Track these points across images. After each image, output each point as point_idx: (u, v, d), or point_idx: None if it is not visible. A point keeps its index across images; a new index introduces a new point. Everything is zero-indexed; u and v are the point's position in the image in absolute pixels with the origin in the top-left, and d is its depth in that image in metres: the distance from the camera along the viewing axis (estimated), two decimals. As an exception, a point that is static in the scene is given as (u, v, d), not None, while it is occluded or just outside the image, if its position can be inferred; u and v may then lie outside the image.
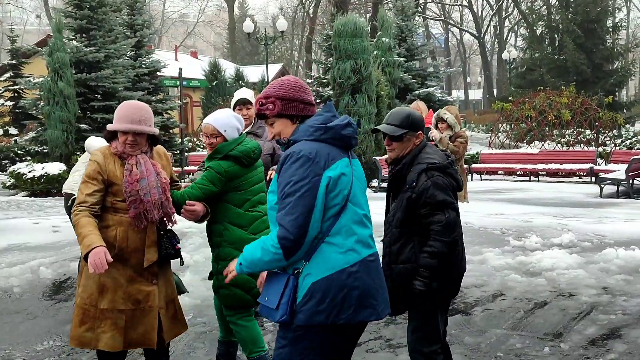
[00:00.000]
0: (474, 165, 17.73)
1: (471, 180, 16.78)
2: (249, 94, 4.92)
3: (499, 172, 17.93)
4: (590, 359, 4.28)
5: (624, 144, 20.72)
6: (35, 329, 5.22)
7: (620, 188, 13.07)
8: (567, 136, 20.20)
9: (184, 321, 3.74)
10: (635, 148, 19.39)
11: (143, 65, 21.43)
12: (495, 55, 61.42)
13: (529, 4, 40.70)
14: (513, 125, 21.43)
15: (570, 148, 19.20)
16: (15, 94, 26.80)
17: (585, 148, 18.83)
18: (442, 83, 35.82)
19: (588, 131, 20.23)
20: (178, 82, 22.63)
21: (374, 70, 15.91)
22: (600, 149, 18.19)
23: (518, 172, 17.55)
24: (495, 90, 52.21)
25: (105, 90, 18.10)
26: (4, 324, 5.34)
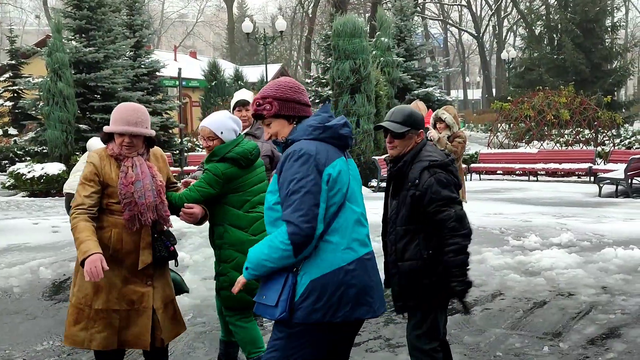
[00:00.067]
0: (473, 165, 17.74)
1: (470, 180, 16.79)
2: (249, 95, 4.91)
3: (498, 172, 17.93)
4: (589, 358, 4.28)
5: (622, 143, 20.74)
6: (35, 329, 5.22)
7: (619, 187, 13.07)
8: (566, 136, 20.20)
9: (182, 322, 3.75)
10: (634, 147, 19.39)
11: (142, 66, 21.43)
12: (494, 55, 61.46)
13: (528, 4, 40.75)
14: (512, 125, 21.43)
15: (569, 148, 19.19)
16: (15, 95, 26.79)
17: (584, 148, 18.83)
18: (441, 83, 35.87)
19: (587, 131, 20.23)
20: (177, 82, 22.66)
21: (373, 70, 15.90)
22: (599, 149, 18.22)
23: (517, 172, 17.55)
24: (494, 90, 52.28)
25: (104, 91, 18.11)
26: (3, 324, 5.35)
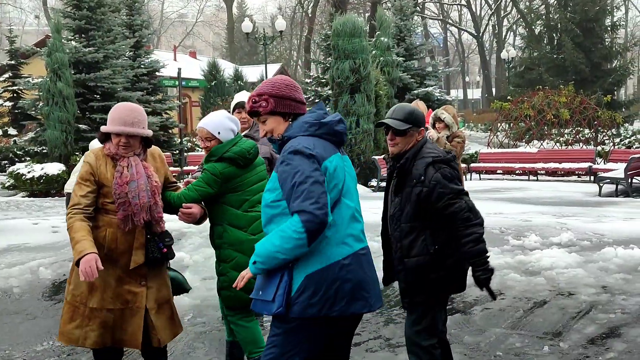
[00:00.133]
0: (472, 165, 17.74)
1: (470, 179, 16.80)
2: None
3: (498, 172, 17.94)
4: (589, 357, 4.28)
5: (622, 142, 20.75)
6: (34, 329, 5.21)
7: (619, 187, 13.07)
8: (566, 135, 20.20)
9: (179, 322, 3.76)
10: (634, 147, 19.40)
11: (142, 66, 21.42)
12: (493, 55, 61.47)
13: (528, 3, 40.72)
14: (512, 125, 21.43)
15: (569, 147, 19.19)
16: (14, 95, 26.79)
17: (584, 147, 18.82)
18: (441, 82, 35.87)
19: (587, 130, 20.23)
20: (177, 82, 22.66)
21: (373, 70, 15.90)
22: (599, 148, 18.21)
23: (517, 172, 17.56)
24: (494, 90, 52.28)
25: (104, 91, 18.10)
26: (3, 324, 5.35)
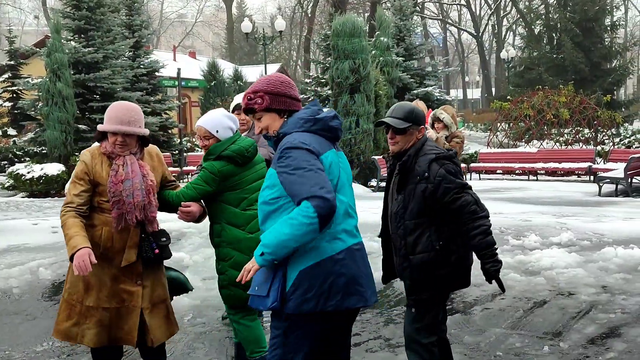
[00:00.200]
0: (472, 165, 17.74)
1: (470, 179, 16.79)
2: (248, 98, 4.91)
3: (498, 171, 17.94)
4: (589, 357, 4.28)
5: (622, 142, 20.75)
6: (34, 330, 5.21)
7: (619, 187, 13.08)
8: (566, 135, 20.20)
9: (175, 322, 3.77)
10: (634, 147, 19.40)
11: (141, 66, 21.41)
12: (493, 54, 61.43)
13: (527, 3, 40.71)
14: (511, 124, 21.43)
15: (569, 147, 19.20)
16: (14, 95, 26.74)
17: (584, 147, 18.83)
18: (441, 82, 35.84)
19: (586, 130, 20.24)
20: (176, 83, 22.67)
21: (373, 70, 15.89)
22: (599, 148, 18.22)
23: (517, 171, 17.56)
24: (493, 89, 52.28)
25: (103, 91, 18.08)
26: (3, 325, 5.34)
